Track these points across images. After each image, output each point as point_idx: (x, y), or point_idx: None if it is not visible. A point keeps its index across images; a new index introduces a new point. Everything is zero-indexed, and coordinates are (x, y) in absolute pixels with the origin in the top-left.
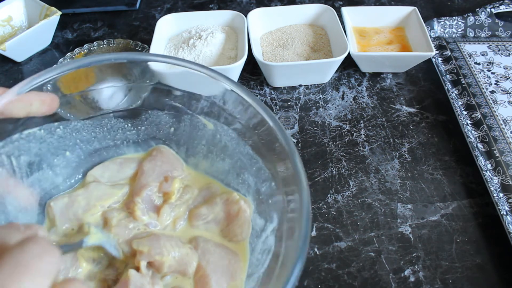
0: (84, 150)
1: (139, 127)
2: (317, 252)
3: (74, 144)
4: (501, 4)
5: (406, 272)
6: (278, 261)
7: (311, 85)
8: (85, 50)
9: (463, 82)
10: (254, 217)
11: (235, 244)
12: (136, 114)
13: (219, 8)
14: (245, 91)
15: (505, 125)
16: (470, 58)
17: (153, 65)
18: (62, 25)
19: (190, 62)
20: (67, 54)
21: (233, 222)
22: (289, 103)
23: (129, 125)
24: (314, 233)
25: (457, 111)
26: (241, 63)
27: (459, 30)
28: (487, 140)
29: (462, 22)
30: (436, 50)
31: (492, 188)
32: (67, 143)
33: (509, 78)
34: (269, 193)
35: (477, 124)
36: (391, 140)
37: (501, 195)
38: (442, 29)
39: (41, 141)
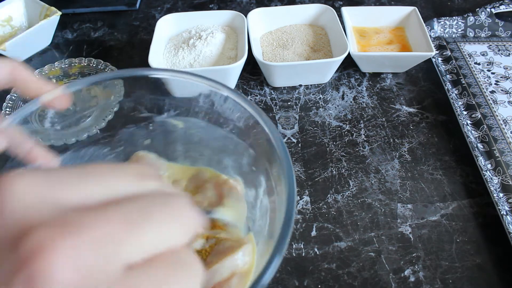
0: None
1: (117, 149)
2: (317, 252)
3: None
4: (501, 4)
5: (406, 272)
6: (275, 211)
7: (311, 85)
8: (56, 68)
9: (463, 82)
10: (245, 192)
11: None
12: (110, 136)
13: (219, 8)
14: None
15: (505, 125)
16: (470, 58)
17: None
18: (62, 25)
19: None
20: (36, 71)
21: None
22: (289, 103)
23: (108, 149)
24: (314, 233)
25: (457, 111)
26: (241, 63)
27: (459, 30)
28: (487, 140)
29: (462, 22)
30: (436, 50)
31: (492, 188)
32: None
33: (509, 78)
34: (251, 162)
35: (477, 124)
36: (391, 140)
37: (501, 195)
38: (442, 29)
39: None
